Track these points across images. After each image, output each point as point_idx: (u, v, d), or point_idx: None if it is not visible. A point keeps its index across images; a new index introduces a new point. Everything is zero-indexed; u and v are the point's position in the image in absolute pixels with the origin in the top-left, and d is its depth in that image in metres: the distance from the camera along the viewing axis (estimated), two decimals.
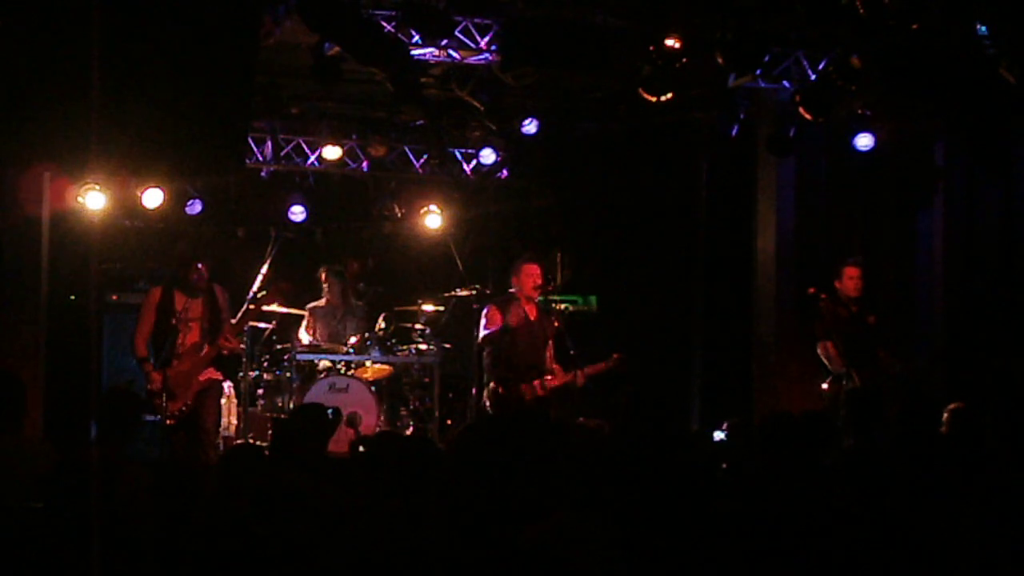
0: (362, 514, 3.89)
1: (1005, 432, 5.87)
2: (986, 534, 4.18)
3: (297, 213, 10.99)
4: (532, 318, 8.91)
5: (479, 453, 3.82)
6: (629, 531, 3.61)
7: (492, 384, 8.86)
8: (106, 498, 3.69)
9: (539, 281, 8.91)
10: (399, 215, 11.64)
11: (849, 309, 9.25)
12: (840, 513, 4.25)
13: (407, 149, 11.43)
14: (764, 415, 9.69)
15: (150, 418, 8.96)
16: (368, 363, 10.36)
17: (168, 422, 8.39)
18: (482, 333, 8.90)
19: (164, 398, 8.34)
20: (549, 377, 8.89)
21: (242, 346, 9.66)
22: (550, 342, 8.98)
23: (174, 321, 8.52)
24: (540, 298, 8.98)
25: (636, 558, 3.57)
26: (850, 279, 9.25)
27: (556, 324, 9.01)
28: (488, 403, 8.88)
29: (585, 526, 3.59)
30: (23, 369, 8.43)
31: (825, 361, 9.23)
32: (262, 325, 10.35)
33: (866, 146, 9.87)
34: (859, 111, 9.73)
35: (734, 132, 9.85)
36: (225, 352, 8.88)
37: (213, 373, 8.71)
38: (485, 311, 8.99)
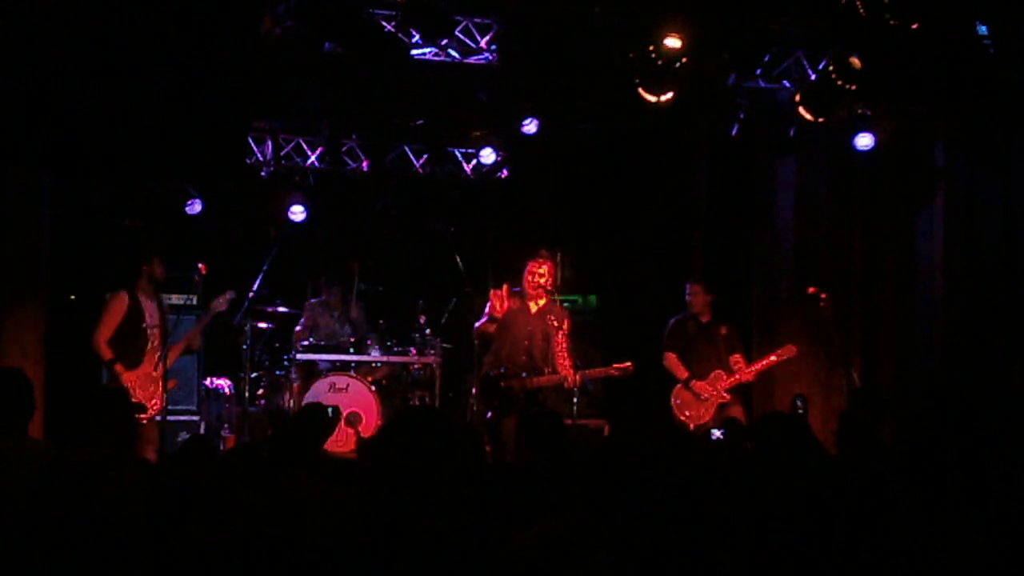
0: (362, 514, 3.89)
1: (1005, 432, 5.87)
2: (985, 534, 4.18)
3: (297, 213, 10.98)
4: (531, 313, 8.91)
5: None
6: (628, 531, 3.62)
7: (481, 375, 8.99)
8: (98, 497, 3.68)
9: (541, 281, 8.87)
10: (399, 215, 11.66)
11: (698, 322, 9.50)
12: (840, 512, 4.25)
13: (407, 149, 11.44)
14: (761, 414, 9.72)
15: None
16: (368, 363, 10.37)
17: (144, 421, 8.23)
18: (476, 324, 9.05)
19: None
20: (546, 373, 8.88)
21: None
22: (557, 339, 8.88)
23: (144, 326, 8.39)
24: (544, 297, 8.94)
25: (635, 559, 3.57)
26: (692, 295, 9.55)
27: (556, 323, 8.97)
28: (477, 393, 9.04)
29: (584, 527, 3.58)
30: (23, 369, 8.43)
31: (671, 371, 9.50)
32: (262, 325, 10.36)
33: (866, 146, 9.87)
34: (859, 111, 9.73)
35: (734, 132, 9.86)
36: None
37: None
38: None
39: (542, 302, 8.92)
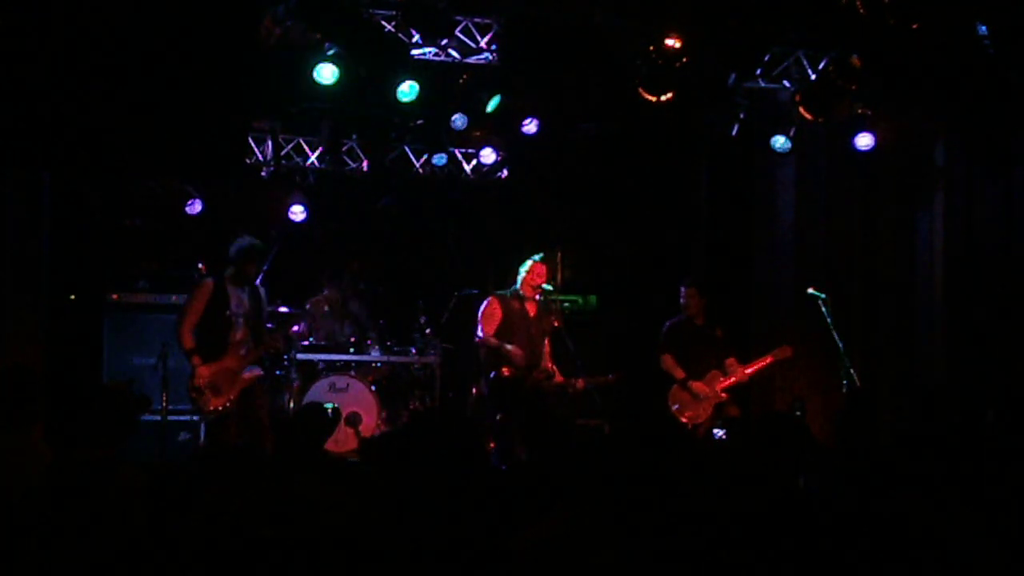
0: (362, 514, 3.89)
1: (1005, 431, 5.87)
2: (985, 533, 4.18)
3: (297, 213, 10.97)
4: (531, 315, 9.04)
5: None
6: (628, 531, 3.62)
7: (492, 374, 8.96)
8: (100, 498, 3.68)
9: (540, 281, 9.06)
10: (399, 215, 11.65)
11: (693, 324, 9.56)
12: (839, 511, 4.26)
13: (407, 149, 11.43)
14: (762, 413, 9.72)
15: (149, 418, 8.99)
16: (368, 363, 10.37)
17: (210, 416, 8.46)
18: (479, 333, 9.01)
19: (206, 393, 8.38)
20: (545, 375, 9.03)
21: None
22: (547, 340, 9.12)
23: (228, 314, 8.50)
24: (540, 297, 9.10)
25: (635, 558, 3.57)
26: (687, 298, 9.60)
27: (556, 323, 9.10)
28: (487, 392, 9.05)
29: (584, 526, 3.59)
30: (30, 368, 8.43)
31: (668, 372, 9.55)
32: None
33: (866, 146, 9.86)
34: (859, 111, 9.73)
35: (734, 132, 9.86)
36: (271, 351, 9.19)
37: (256, 371, 8.73)
38: (485, 303, 9.11)
39: (539, 300, 9.07)
